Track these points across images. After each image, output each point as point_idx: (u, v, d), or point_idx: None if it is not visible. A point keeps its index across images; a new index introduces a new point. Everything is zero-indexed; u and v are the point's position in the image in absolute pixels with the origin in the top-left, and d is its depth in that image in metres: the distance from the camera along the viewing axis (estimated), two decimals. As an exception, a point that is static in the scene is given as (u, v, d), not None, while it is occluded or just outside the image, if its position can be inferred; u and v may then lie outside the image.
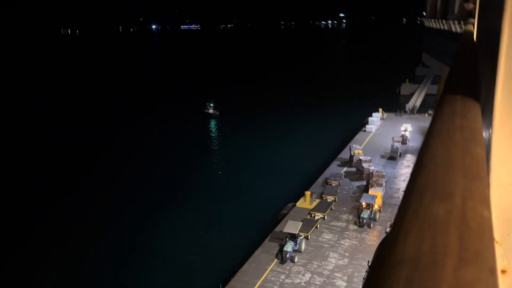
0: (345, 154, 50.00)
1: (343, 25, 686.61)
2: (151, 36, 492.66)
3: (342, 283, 27.76)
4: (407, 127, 54.59)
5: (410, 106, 72.23)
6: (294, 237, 30.74)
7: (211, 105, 78.76)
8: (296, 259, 29.93)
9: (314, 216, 35.67)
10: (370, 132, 59.33)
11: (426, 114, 65.42)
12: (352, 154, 47.41)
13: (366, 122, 61.90)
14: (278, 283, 27.87)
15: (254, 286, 27.59)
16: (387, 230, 31.63)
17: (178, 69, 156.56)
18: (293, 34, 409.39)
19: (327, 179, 42.66)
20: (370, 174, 41.00)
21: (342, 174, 43.79)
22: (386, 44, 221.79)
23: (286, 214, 36.62)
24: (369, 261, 24.33)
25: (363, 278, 25.28)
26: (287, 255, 29.66)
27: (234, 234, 36.36)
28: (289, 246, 29.93)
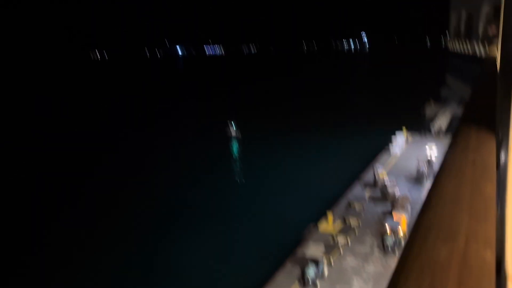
0: (368, 176, 49.16)
1: (366, 46, 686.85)
2: (177, 59, 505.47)
3: (366, 310, 26.87)
4: (433, 149, 53.41)
5: (435, 127, 70.81)
6: (316, 261, 30.13)
7: (233, 126, 79.49)
8: (318, 284, 29.25)
9: (337, 239, 34.96)
10: (394, 153, 58.31)
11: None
12: (376, 176, 46.55)
13: (390, 143, 60.94)
14: (300, 309, 27.22)
15: (275, 310, 27.03)
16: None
17: (201, 91, 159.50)
18: (315, 57, 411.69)
19: (350, 202, 41.93)
20: (395, 198, 40.03)
21: (365, 196, 42.99)
22: (410, 64, 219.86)
23: (308, 237, 36.04)
24: None
25: None
26: (309, 280, 29.04)
27: (254, 256, 35.95)
28: (311, 270, 29.33)
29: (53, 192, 53.74)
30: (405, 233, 34.99)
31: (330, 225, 37.32)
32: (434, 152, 53.38)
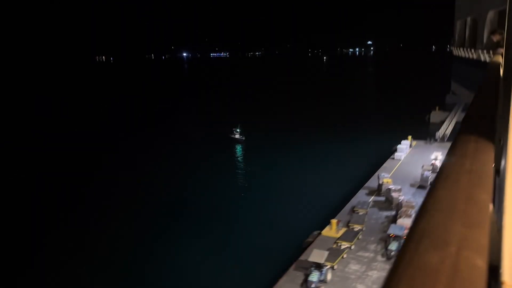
0: (372, 182, 49.01)
1: (371, 52, 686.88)
2: (182, 63, 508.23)
3: (369, 317, 26.69)
4: (438, 156, 53.17)
5: (440, 134, 70.53)
6: (319, 266, 30.01)
7: (238, 130, 79.57)
8: (321, 290, 29.12)
9: (341, 245, 34.82)
10: (399, 160, 58.11)
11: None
12: (380, 182, 46.40)
13: (395, 150, 60.76)
14: (302, 314, 27.08)
15: (278, 316, 26.91)
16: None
17: (206, 93, 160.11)
18: (319, 61, 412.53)
19: (354, 208, 41.79)
20: (400, 204, 39.86)
21: (370, 203, 42.83)
22: (415, 71, 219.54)
23: (311, 242, 35.91)
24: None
25: None
26: (312, 285, 28.91)
27: (257, 262, 35.88)
28: (314, 276, 29.21)
29: (54, 192, 54.00)
30: (409, 239, 34.75)
31: (334, 230, 37.19)
32: (439, 158, 53.20)
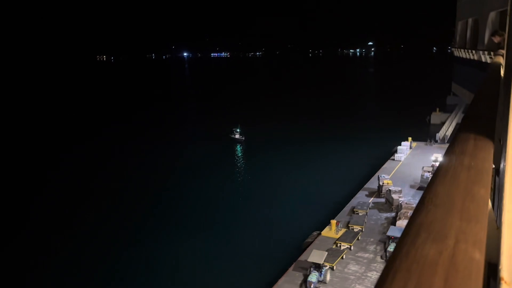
0: (372, 184, 49.01)
1: (372, 53, 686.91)
2: (183, 63, 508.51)
3: (368, 318, 26.69)
4: (438, 157, 53.12)
5: (440, 135, 70.54)
6: (319, 267, 30.02)
7: (238, 130, 79.55)
8: (320, 290, 29.12)
9: (340, 246, 34.82)
10: (399, 161, 58.09)
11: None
12: (381, 184, 46.39)
13: (395, 151, 60.76)
14: (301, 315, 27.07)
15: (277, 316, 26.89)
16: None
17: (206, 93, 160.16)
18: (321, 61, 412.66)
19: (354, 208, 41.79)
20: (399, 206, 39.85)
21: (370, 204, 42.84)
22: (416, 72, 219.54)
23: (311, 243, 35.92)
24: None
25: None
26: (311, 286, 28.91)
27: (257, 262, 35.86)
28: (313, 277, 29.21)
29: (58, 190, 54.05)
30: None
31: (333, 231, 37.21)
32: (439, 159, 53.17)
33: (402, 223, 36.10)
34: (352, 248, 34.61)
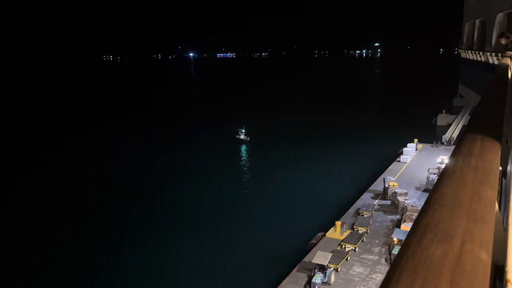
0: (378, 185, 48.82)
1: (378, 54, 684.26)
2: (189, 63, 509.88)
3: (372, 320, 26.57)
4: (444, 159, 52.81)
5: (447, 137, 70.12)
6: (323, 268, 29.94)
7: (243, 130, 79.55)
8: (325, 292, 29.04)
9: (345, 247, 34.71)
10: (405, 162, 57.81)
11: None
12: (386, 186, 46.18)
13: (401, 153, 60.48)
14: (305, 316, 27.01)
15: (281, 317, 26.85)
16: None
17: (211, 93, 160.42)
18: (326, 62, 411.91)
19: (359, 210, 41.64)
20: (405, 208, 39.65)
21: (375, 206, 42.66)
22: (422, 73, 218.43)
23: (316, 244, 35.85)
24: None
25: None
26: (316, 287, 28.85)
27: (261, 263, 35.84)
28: (318, 278, 29.14)
29: (58, 190, 54.39)
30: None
31: (338, 232, 37.10)
32: (445, 161, 52.84)
33: (407, 226, 35.91)
34: (356, 249, 34.49)
